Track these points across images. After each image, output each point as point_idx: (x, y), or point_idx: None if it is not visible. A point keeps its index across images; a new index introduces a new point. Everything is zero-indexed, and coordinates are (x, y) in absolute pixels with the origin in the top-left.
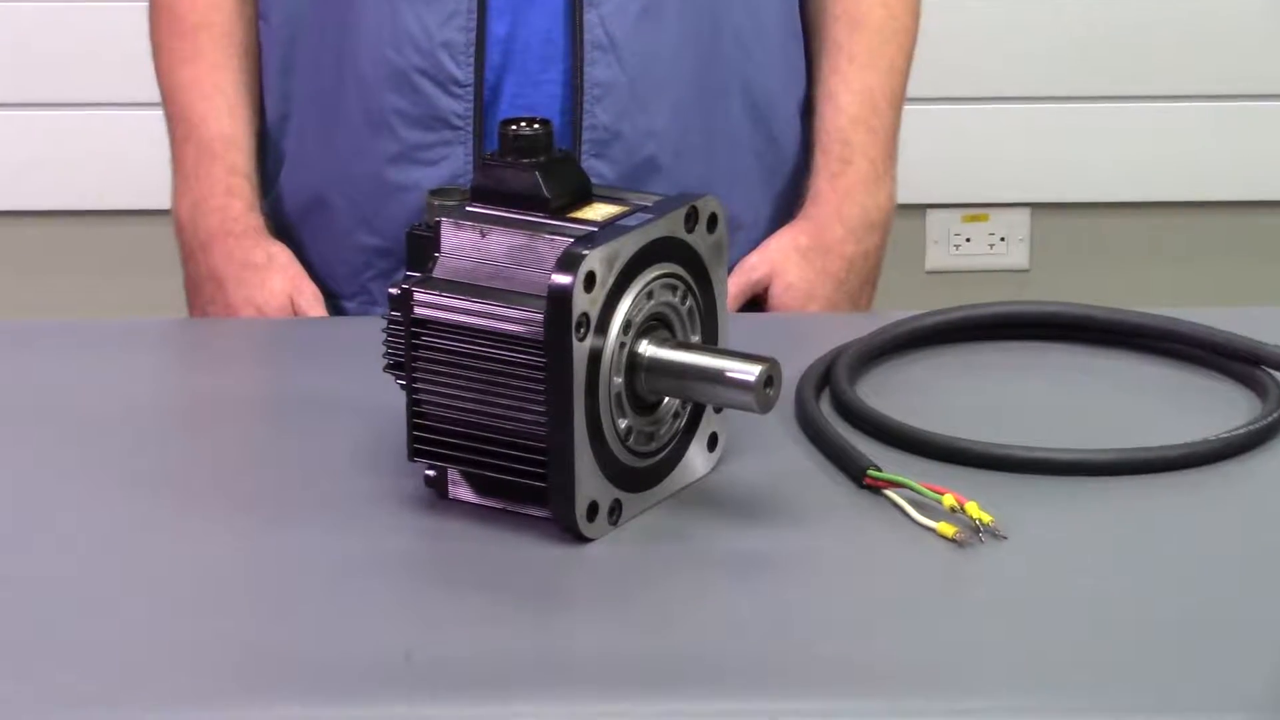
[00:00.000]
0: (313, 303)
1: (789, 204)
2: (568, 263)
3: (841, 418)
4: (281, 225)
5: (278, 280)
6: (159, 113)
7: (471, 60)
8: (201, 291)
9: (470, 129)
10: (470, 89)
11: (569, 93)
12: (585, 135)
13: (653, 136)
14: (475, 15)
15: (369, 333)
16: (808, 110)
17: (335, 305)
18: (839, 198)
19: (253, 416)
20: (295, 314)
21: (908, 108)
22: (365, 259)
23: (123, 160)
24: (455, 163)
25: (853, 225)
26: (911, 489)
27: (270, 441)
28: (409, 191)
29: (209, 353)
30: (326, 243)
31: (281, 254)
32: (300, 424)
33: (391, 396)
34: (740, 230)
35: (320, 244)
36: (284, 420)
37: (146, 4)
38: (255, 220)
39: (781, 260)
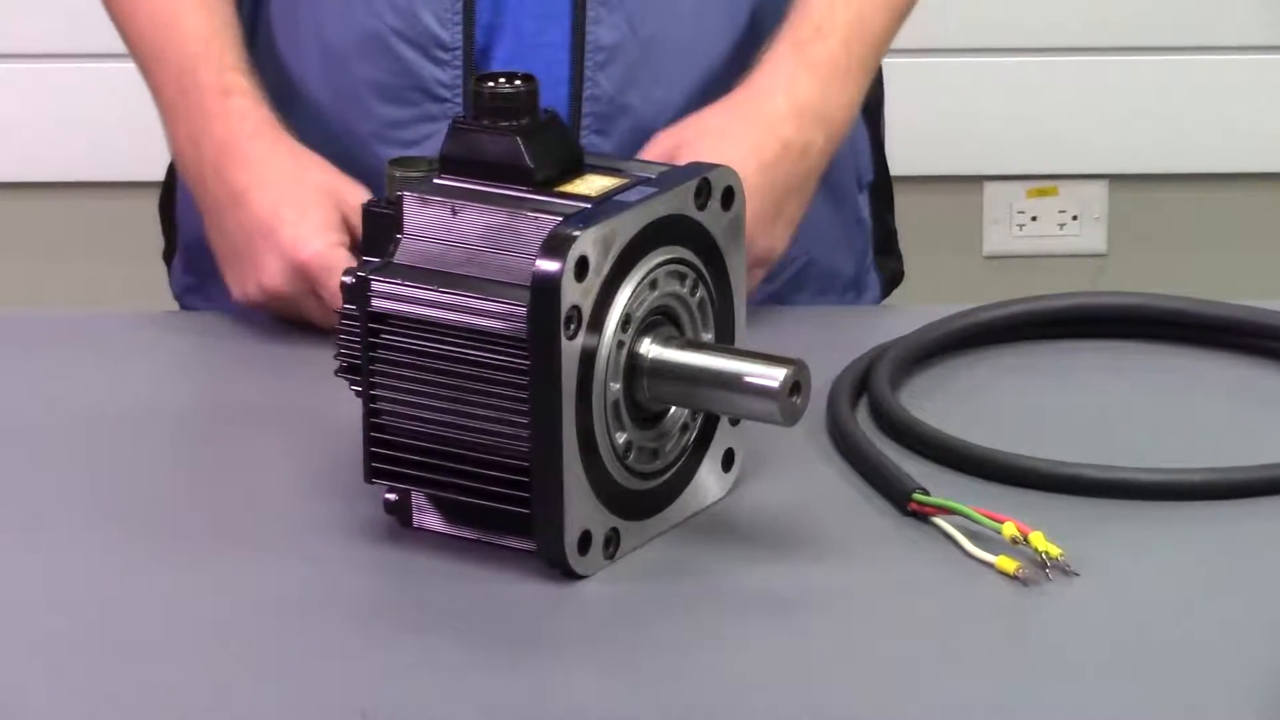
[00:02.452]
0: (357, 191)
1: (838, 195)
2: (555, 246)
3: (882, 431)
4: None
5: (315, 173)
6: (97, 67)
7: (459, 19)
8: (225, 219)
9: (459, 100)
10: (457, 53)
11: (570, 57)
12: (585, 107)
13: (666, 112)
14: None
15: (319, 336)
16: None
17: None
18: (796, 68)
19: (180, 430)
20: (338, 210)
21: (959, 60)
22: None
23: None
24: (439, 143)
25: (802, 106)
26: (965, 516)
27: (201, 460)
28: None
29: (128, 353)
30: None
31: (307, 153)
32: (236, 438)
33: (345, 405)
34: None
35: None
36: (217, 434)
37: None
38: (266, 114)
39: (695, 133)
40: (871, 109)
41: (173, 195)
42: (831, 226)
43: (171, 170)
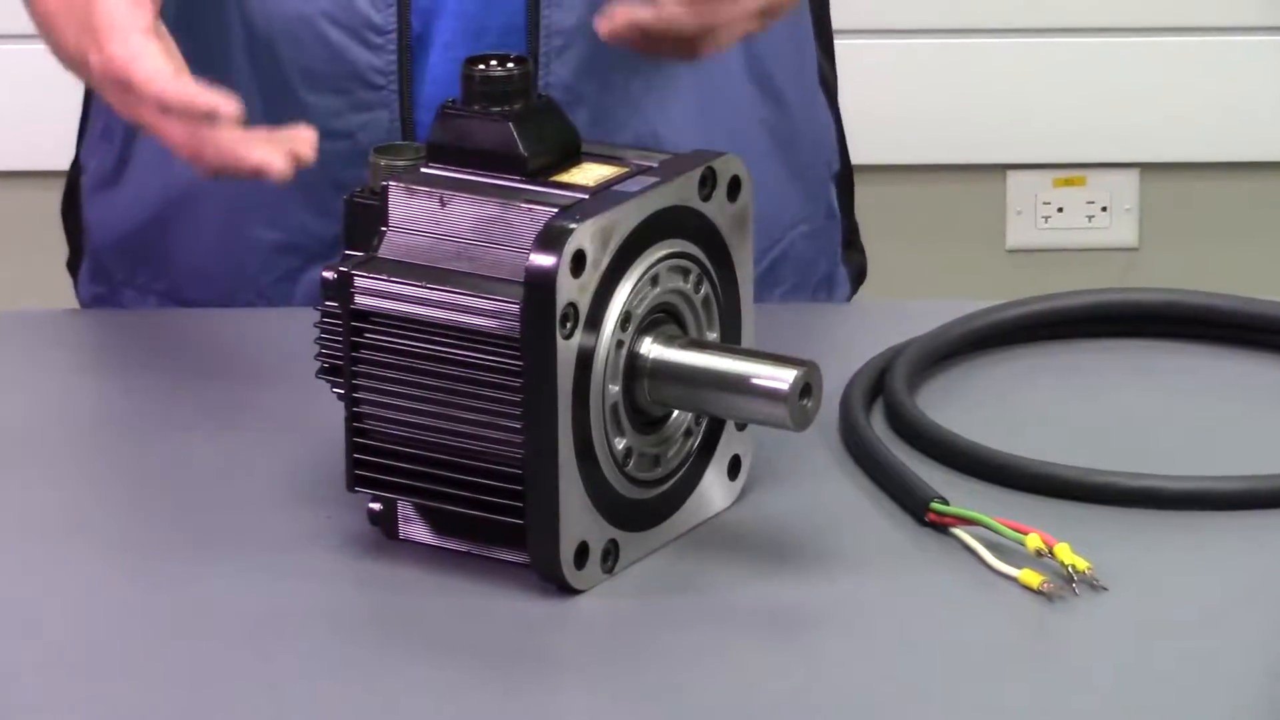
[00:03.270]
0: None
1: (811, 187)
2: (550, 239)
3: (898, 436)
4: (137, 225)
5: None
6: None
7: (393, 1)
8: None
9: (395, 88)
10: (392, 36)
11: (524, 41)
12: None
13: (627, 101)
14: None
15: (297, 328)
16: (825, 83)
17: None
18: None
19: (149, 435)
20: None
21: (980, 41)
22: (262, 258)
23: None
24: (376, 131)
25: None
26: (987, 527)
27: (168, 469)
28: (318, 169)
29: (94, 350)
30: (204, 242)
31: None
32: (207, 445)
33: (326, 409)
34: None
35: (194, 243)
36: (189, 440)
37: None
38: None
39: None
40: (831, 90)
41: (77, 199)
42: (805, 218)
43: (75, 171)
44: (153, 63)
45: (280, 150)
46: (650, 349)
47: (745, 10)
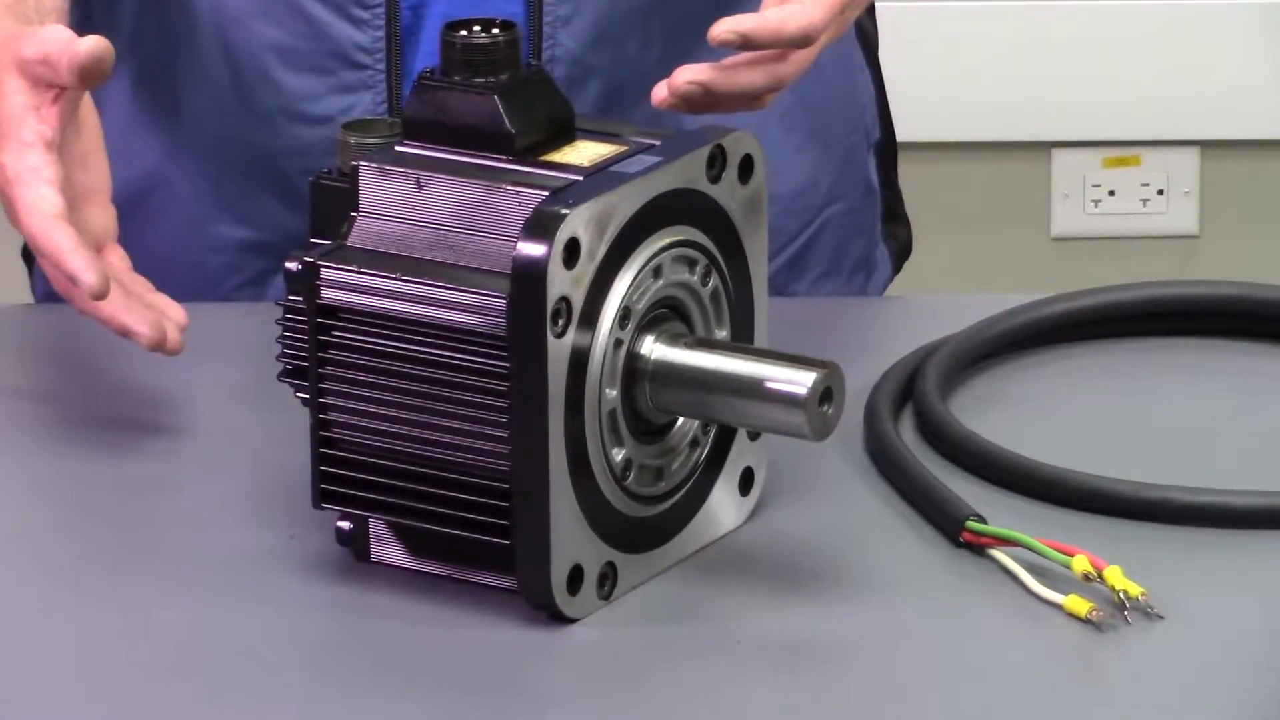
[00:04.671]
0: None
1: (847, 159)
2: (540, 225)
3: (930, 446)
4: None
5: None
6: None
7: None
8: None
9: (381, 68)
10: (379, 10)
11: (525, 13)
12: (548, 71)
13: (640, 73)
14: None
15: (257, 325)
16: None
17: None
18: None
19: (96, 442)
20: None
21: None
22: (227, 259)
23: None
24: (359, 116)
25: None
26: (1029, 548)
27: (117, 480)
28: (295, 159)
29: (46, 348)
30: (165, 239)
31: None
32: (161, 454)
33: (290, 416)
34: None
35: (155, 242)
36: (138, 448)
37: None
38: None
39: None
40: (872, 52)
41: None
42: (840, 196)
43: None
44: (35, 194)
45: (147, 320)
46: (652, 349)
47: (810, 56)
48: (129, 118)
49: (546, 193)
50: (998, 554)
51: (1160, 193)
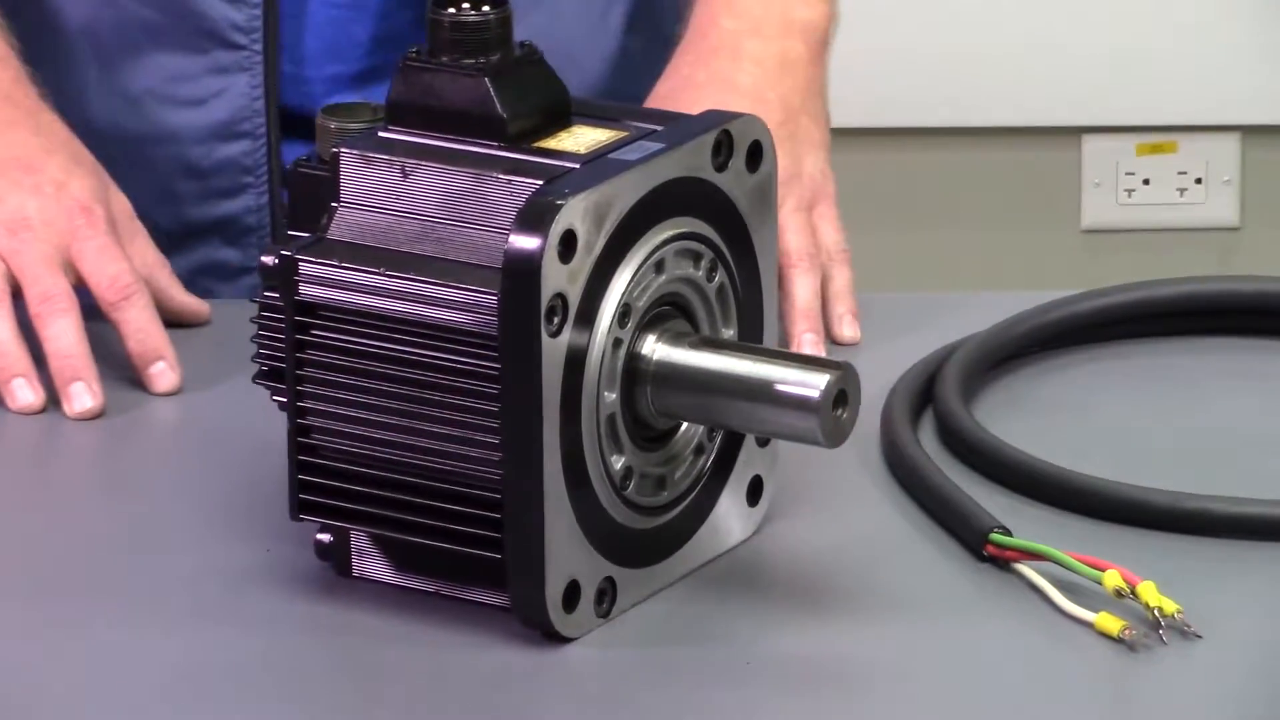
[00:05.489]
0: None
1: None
2: (534, 217)
3: (951, 453)
4: None
5: (86, 152)
6: None
7: None
8: None
9: (258, 48)
10: None
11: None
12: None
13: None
14: None
15: (230, 323)
16: None
17: None
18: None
19: (50, 450)
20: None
21: None
22: None
23: None
24: (234, 100)
25: (752, 19)
26: (1057, 562)
27: (80, 491)
28: (163, 145)
29: None
30: None
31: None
32: (125, 462)
33: (266, 421)
34: None
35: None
36: (99, 457)
37: None
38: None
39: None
40: None
41: None
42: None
43: None
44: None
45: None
46: (654, 349)
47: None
48: None
49: (540, 181)
50: (1024, 569)
51: (1198, 181)
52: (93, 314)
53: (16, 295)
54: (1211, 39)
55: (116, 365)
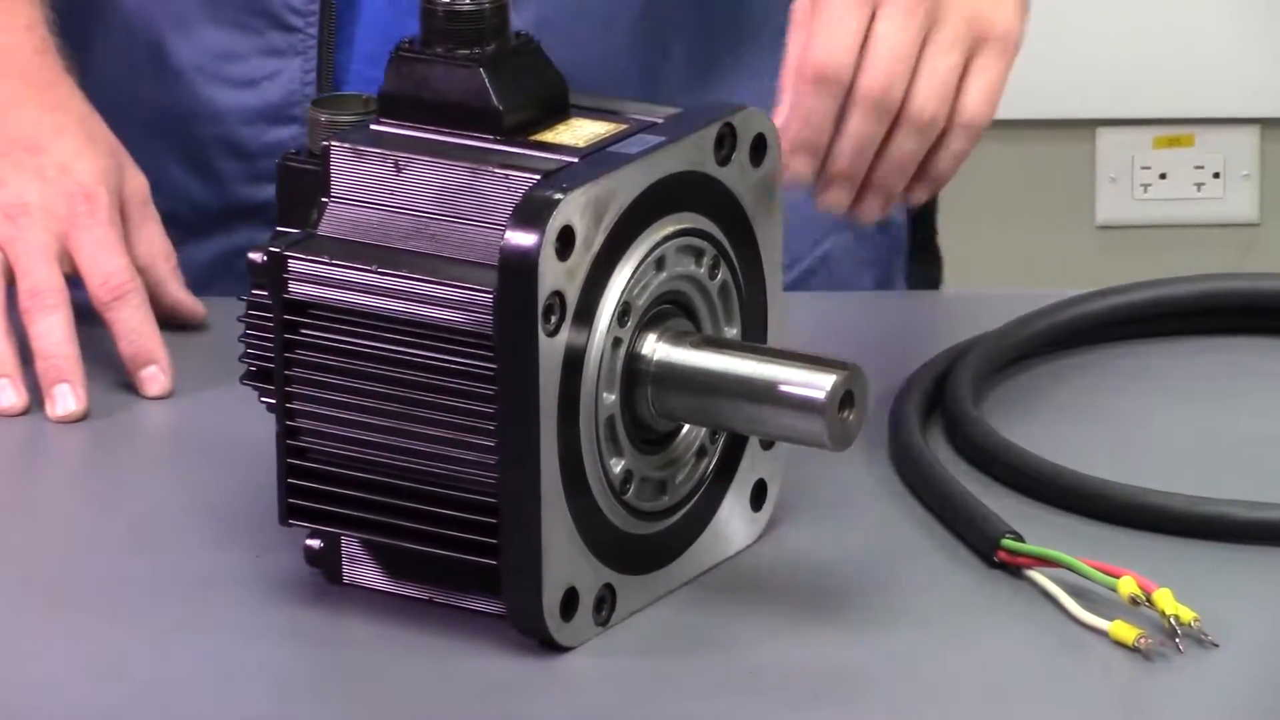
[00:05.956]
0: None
1: None
2: (531, 212)
3: (961, 455)
4: None
5: (103, 130)
6: None
7: None
8: None
9: (313, 33)
10: None
11: None
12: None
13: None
14: None
15: (217, 320)
16: None
17: None
18: None
19: (31, 453)
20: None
21: None
22: None
23: None
24: (285, 85)
25: None
26: (1070, 569)
27: (60, 495)
28: (208, 124)
29: None
30: None
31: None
32: (108, 466)
33: (253, 423)
34: None
35: None
36: (82, 460)
37: None
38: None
39: None
40: None
41: None
42: (845, 223)
43: None
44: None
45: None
46: (654, 349)
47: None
48: None
49: (538, 176)
50: (1036, 575)
51: (1216, 176)
52: (88, 309)
53: (13, 283)
54: (1230, 29)
55: (108, 364)
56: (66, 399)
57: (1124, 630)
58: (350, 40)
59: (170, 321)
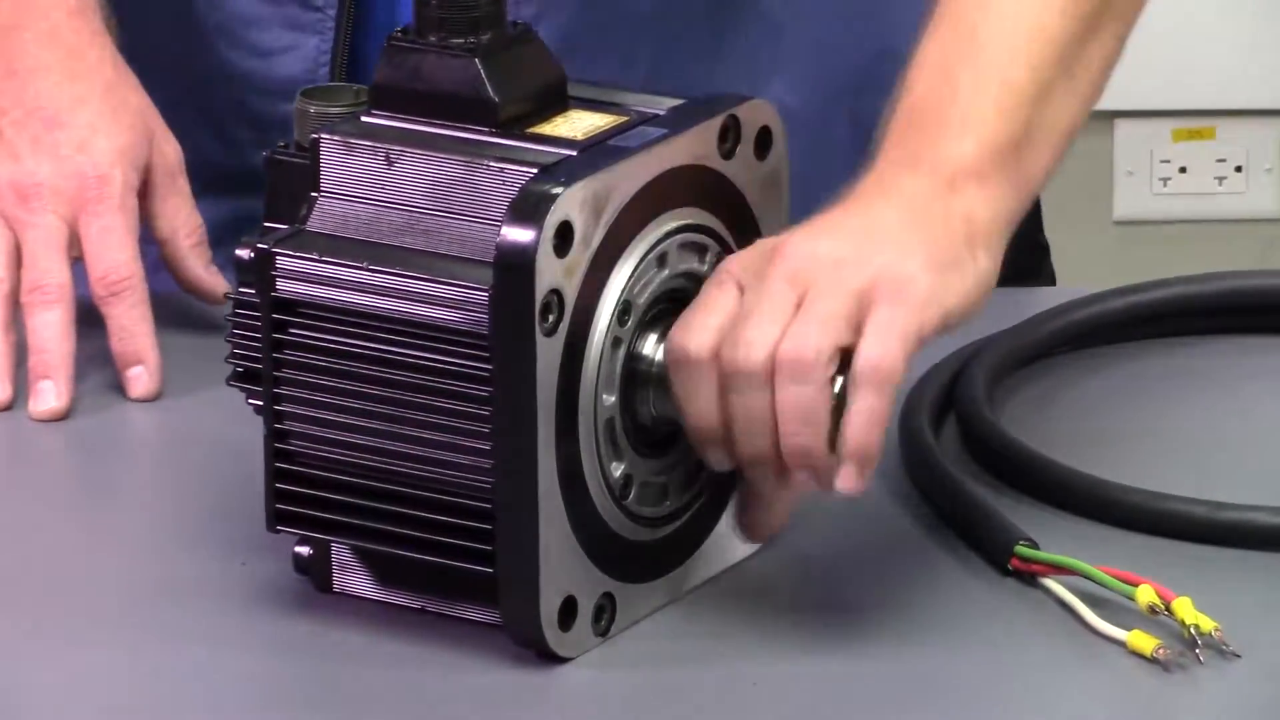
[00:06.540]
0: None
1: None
2: (528, 207)
3: (975, 460)
4: None
5: (135, 97)
6: None
7: None
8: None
9: (332, 13)
10: None
11: None
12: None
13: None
14: None
15: (204, 316)
16: None
17: None
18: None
19: (18, 456)
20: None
21: None
22: None
23: None
24: (300, 62)
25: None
26: (1087, 577)
27: (39, 501)
28: (225, 86)
29: None
30: None
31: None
32: (90, 470)
33: (241, 426)
34: None
35: None
36: (71, 462)
37: None
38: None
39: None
40: None
41: None
42: None
43: None
44: None
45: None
46: (656, 349)
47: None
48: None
49: (535, 170)
50: (1051, 583)
51: (1238, 170)
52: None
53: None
54: (1252, 17)
55: (106, 362)
56: (47, 396)
57: (1142, 640)
58: (372, 25)
59: (190, 295)
